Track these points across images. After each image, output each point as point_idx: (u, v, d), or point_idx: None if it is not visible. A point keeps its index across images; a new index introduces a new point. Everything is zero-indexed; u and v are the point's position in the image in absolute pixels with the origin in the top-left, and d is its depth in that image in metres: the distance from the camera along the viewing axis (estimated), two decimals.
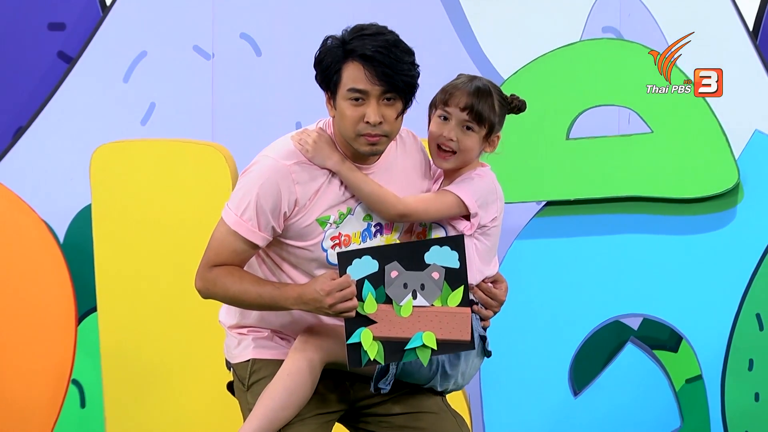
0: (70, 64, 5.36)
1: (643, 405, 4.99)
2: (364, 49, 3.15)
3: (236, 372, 3.43)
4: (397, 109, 3.19)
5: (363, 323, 3.17)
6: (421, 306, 3.17)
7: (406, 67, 3.16)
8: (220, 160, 4.84)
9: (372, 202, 3.26)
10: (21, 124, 5.40)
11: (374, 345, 3.17)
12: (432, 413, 3.38)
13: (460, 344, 3.20)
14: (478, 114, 3.28)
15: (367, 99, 3.17)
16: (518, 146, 4.84)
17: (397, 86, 3.15)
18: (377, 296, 3.16)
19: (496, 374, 5.03)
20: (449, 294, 3.18)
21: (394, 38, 3.19)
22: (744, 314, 4.89)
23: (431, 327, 3.17)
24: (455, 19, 5.13)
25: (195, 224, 4.77)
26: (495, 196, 3.33)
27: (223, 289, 3.26)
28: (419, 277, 3.17)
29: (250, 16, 5.26)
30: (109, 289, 4.98)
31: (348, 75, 3.17)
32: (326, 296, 3.15)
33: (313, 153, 3.23)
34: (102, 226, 4.98)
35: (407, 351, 3.18)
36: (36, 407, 5.35)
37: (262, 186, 3.21)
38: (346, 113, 3.19)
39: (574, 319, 4.99)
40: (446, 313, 3.17)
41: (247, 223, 3.22)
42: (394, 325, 3.17)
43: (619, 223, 4.97)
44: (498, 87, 3.35)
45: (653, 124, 4.89)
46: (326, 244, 3.27)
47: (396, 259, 3.16)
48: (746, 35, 4.91)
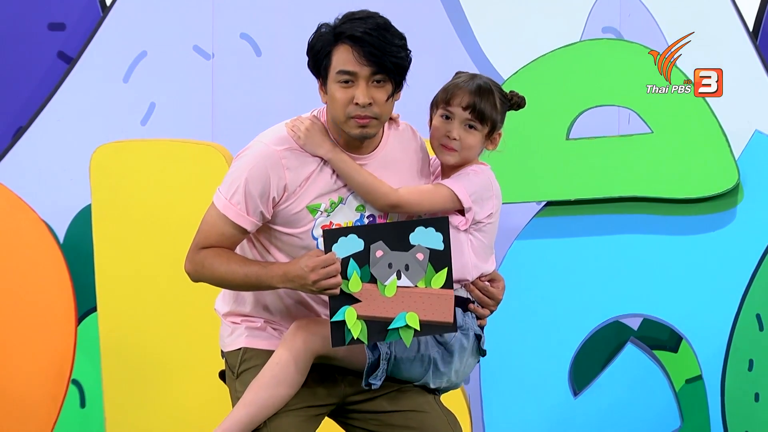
0: (70, 65, 5.36)
1: (643, 405, 4.98)
2: (353, 30, 3.17)
3: (227, 360, 3.43)
4: (387, 91, 3.20)
5: (347, 302, 3.17)
6: (405, 286, 3.18)
7: (395, 49, 3.17)
8: (220, 160, 4.84)
9: (364, 191, 3.27)
10: (21, 124, 5.40)
11: (358, 324, 3.17)
12: (423, 412, 3.38)
13: (443, 326, 3.21)
14: (481, 112, 3.29)
15: (357, 81, 3.18)
16: (518, 146, 4.84)
17: (385, 67, 3.16)
18: (362, 275, 3.17)
19: (496, 374, 5.03)
20: (433, 275, 3.18)
21: (384, 21, 3.22)
22: (744, 314, 4.89)
23: (414, 308, 3.18)
24: (455, 20, 5.13)
25: (195, 224, 4.75)
26: (491, 192, 3.33)
27: (210, 270, 3.28)
28: (404, 258, 3.18)
29: (250, 16, 5.26)
30: (108, 289, 4.98)
31: (337, 57, 3.19)
32: (310, 272, 3.15)
33: (304, 140, 3.25)
34: (102, 226, 4.98)
35: (390, 331, 3.18)
36: (36, 407, 5.35)
37: (251, 171, 3.23)
38: (336, 96, 3.20)
39: (574, 319, 4.99)
40: (430, 295, 3.18)
41: (235, 207, 3.23)
42: (378, 305, 3.17)
43: (619, 223, 4.97)
44: (498, 84, 3.35)
45: (653, 125, 4.89)
46: (317, 233, 3.28)
47: (381, 239, 3.17)
48: (746, 35, 4.91)
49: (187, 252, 3.34)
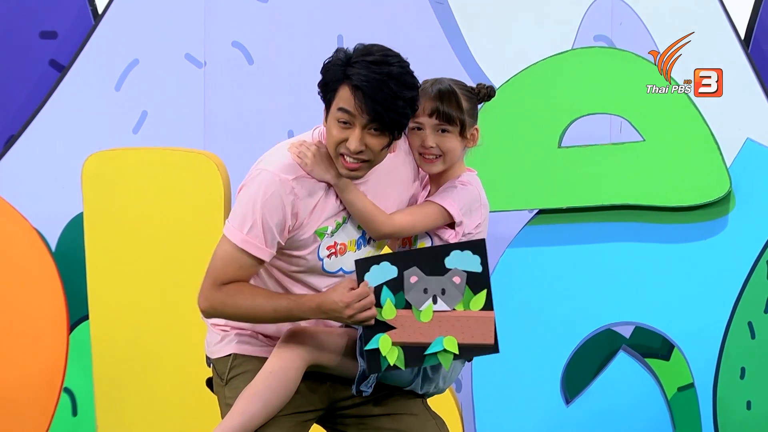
0: (62, 73, 5.36)
1: (635, 413, 4.99)
2: (359, 78, 3.12)
3: (216, 367, 3.43)
4: (383, 141, 3.17)
5: (382, 329, 3.17)
6: (441, 311, 3.17)
7: (399, 104, 3.13)
8: (212, 168, 4.84)
9: (362, 219, 3.29)
10: (13, 133, 5.39)
11: (394, 350, 3.17)
12: (412, 415, 3.39)
13: (484, 348, 3.21)
14: (446, 115, 3.30)
15: (354, 125, 3.16)
16: (510, 154, 4.84)
17: (383, 121, 3.13)
18: (396, 302, 3.17)
19: (488, 382, 5.03)
20: (471, 298, 3.18)
21: (398, 71, 3.14)
22: (736, 322, 4.89)
23: (453, 331, 3.18)
24: (447, 28, 5.13)
25: (187, 233, 4.77)
26: (479, 203, 3.34)
27: (234, 307, 3.24)
28: (440, 282, 3.17)
29: (241, 24, 5.26)
30: (100, 297, 4.97)
31: (340, 96, 3.16)
32: (345, 308, 3.16)
33: (312, 167, 3.23)
34: (94, 234, 4.97)
35: (428, 356, 3.19)
36: (28, 415, 5.34)
37: (266, 203, 3.19)
38: (332, 132, 3.18)
39: (567, 327, 4.99)
40: (469, 317, 3.18)
41: (254, 240, 3.20)
42: (414, 330, 3.17)
43: (611, 231, 4.97)
44: (460, 82, 3.36)
45: (645, 133, 4.89)
46: (322, 253, 3.28)
47: (415, 265, 3.17)
48: (738, 43, 4.92)
49: (201, 289, 3.28)
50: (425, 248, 3.29)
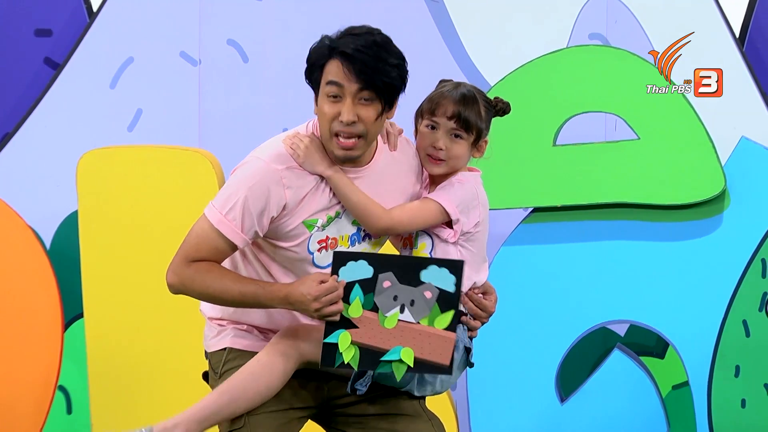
0: (56, 71, 5.35)
1: (630, 411, 4.99)
2: (346, 47, 3.13)
3: (211, 360, 3.44)
4: (376, 109, 3.16)
5: (344, 325, 3.16)
6: (406, 321, 3.16)
7: (387, 68, 3.14)
8: (207, 166, 4.84)
9: (358, 213, 3.27)
10: (7, 131, 5.39)
11: (351, 349, 3.16)
12: (407, 415, 3.38)
13: (438, 367, 3.18)
14: (466, 121, 3.28)
15: (344, 97, 3.15)
16: (505, 153, 4.84)
17: (373, 84, 3.13)
18: (365, 302, 3.15)
19: (482, 380, 5.03)
20: (437, 315, 3.16)
21: (383, 39, 3.17)
22: (730, 320, 4.89)
23: (412, 344, 3.16)
24: (442, 26, 5.13)
25: (182, 230, 4.74)
26: (477, 201, 3.32)
27: (201, 285, 3.25)
28: (411, 293, 3.15)
29: (236, 22, 5.26)
30: (95, 295, 4.97)
31: (328, 71, 3.16)
32: (313, 301, 3.15)
33: (304, 158, 3.23)
34: (88, 232, 4.97)
35: (383, 362, 3.17)
36: (22, 413, 5.34)
37: (251, 188, 3.19)
38: (324, 110, 3.18)
39: (561, 326, 5.00)
40: (431, 334, 3.16)
41: (230, 223, 3.21)
42: (375, 334, 3.16)
43: (605, 229, 4.97)
44: (482, 91, 3.35)
45: (640, 131, 4.90)
46: (312, 247, 3.27)
47: (391, 270, 3.15)
48: (733, 43, 4.92)
49: (171, 263, 3.30)
50: (405, 256, 3.29)
